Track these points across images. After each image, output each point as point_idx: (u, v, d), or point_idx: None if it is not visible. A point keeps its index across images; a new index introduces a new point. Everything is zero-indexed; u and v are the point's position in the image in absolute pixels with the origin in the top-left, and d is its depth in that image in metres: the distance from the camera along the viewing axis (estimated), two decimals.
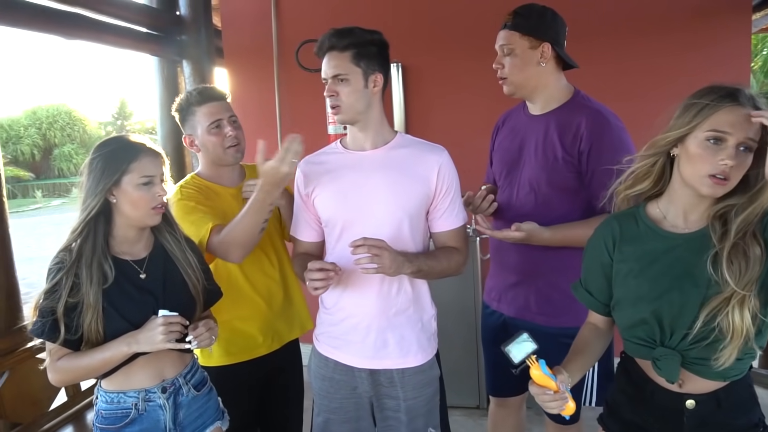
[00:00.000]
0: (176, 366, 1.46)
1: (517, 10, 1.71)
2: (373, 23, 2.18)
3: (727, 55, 2.90)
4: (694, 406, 1.19)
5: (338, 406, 1.58)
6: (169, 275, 1.44)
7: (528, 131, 1.77)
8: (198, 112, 1.69)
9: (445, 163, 1.53)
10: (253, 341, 1.76)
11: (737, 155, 1.09)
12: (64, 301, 1.30)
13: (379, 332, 1.52)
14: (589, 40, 3.05)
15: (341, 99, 1.49)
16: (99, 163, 1.35)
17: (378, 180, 1.50)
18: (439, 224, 1.57)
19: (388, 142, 1.55)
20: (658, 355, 1.20)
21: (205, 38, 3.63)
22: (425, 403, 1.57)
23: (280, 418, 1.92)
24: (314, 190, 1.56)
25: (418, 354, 1.55)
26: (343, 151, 1.58)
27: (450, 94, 3.28)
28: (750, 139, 1.09)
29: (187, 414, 1.46)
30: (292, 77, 3.49)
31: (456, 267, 1.56)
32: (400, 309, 1.52)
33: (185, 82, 3.67)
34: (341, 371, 1.56)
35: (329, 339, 1.59)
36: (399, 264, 1.38)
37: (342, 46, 1.48)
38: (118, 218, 1.38)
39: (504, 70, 1.71)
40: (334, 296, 1.55)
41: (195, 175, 1.78)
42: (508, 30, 1.70)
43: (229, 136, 1.71)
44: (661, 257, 1.20)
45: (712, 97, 1.13)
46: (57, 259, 1.34)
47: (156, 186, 1.38)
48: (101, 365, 1.34)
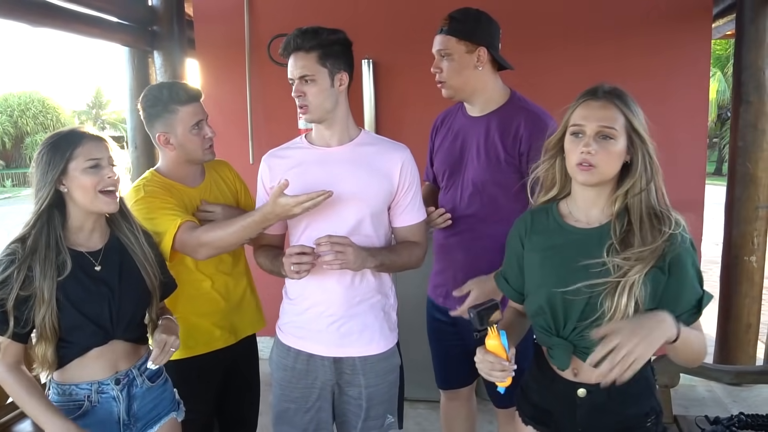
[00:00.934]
0: (130, 358, 1.46)
1: (452, 14, 1.75)
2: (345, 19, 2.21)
3: (688, 59, 2.99)
4: (585, 395, 1.27)
5: (299, 395, 1.61)
6: (126, 268, 1.44)
7: (468, 132, 1.81)
8: (181, 111, 1.67)
9: (407, 160, 1.59)
10: (210, 335, 1.77)
11: (596, 143, 1.20)
12: (15, 294, 1.29)
13: (343, 320, 1.56)
14: (550, 44, 3.11)
15: (308, 99, 1.51)
16: (45, 155, 1.34)
17: (343, 176, 1.53)
18: (400, 219, 1.62)
19: (353, 139, 1.60)
20: (552, 344, 1.30)
21: (177, 29, 3.59)
22: (386, 390, 1.62)
23: (236, 410, 1.93)
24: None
25: (380, 341, 1.60)
26: (309, 146, 1.61)
27: (421, 90, 3.28)
28: (605, 127, 1.20)
29: (141, 405, 1.47)
30: (263, 71, 3.48)
31: (416, 260, 1.63)
32: (363, 297, 1.57)
33: (156, 73, 3.62)
34: (303, 361, 1.60)
35: (293, 329, 1.62)
36: (363, 259, 1.45)
37: (308, 47, 1.50)
38: (71, 208, 1.38)
39: (442, 74, 1.75)
40: (299, 286, 1.58)
41: (155, 172, 1.76)
42: (444, 35, 1.74)
43: (208, 137, 1.72)
44: (562, 250, 1.29)
45: (578, 97, 1.27)
46: (8, 251, 1.33)
47: (104, 168, 1.37)
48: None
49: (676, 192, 3.02)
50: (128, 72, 3.67)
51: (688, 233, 1.22)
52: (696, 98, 3.03)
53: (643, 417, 1.29)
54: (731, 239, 3.24)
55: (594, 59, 3.06)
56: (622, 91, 1.25)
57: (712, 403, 3.02)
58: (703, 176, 3.07)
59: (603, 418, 1.28)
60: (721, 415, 2.04)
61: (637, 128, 1.22)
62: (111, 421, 1.41)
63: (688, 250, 1.21)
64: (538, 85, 3.12)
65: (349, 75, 1.56)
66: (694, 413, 2.77)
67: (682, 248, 1.20)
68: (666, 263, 1.20)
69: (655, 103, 3.01)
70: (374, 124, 3.33)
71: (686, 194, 3.05)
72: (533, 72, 3.12)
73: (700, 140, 3.06)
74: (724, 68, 17.77)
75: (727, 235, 3.28)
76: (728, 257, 3.27)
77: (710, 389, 3.15)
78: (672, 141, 3.01)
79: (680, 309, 1.20)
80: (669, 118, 3.00)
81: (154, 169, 1.78)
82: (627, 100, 1.24)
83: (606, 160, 1.21)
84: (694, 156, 3.06)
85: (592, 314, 1.22)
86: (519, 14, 3.12)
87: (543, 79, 3.11)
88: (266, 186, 1.61)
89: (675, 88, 3.02)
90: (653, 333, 1.10)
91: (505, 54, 1.81)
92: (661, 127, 1.32)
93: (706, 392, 3.13)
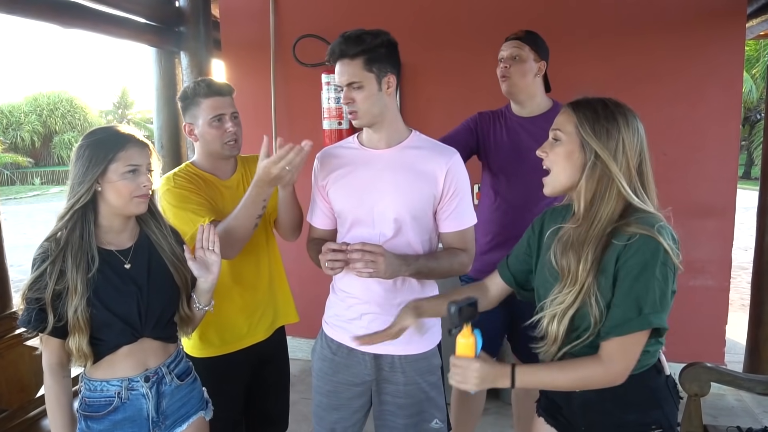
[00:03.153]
0: (159, 356, 1.47)
1: (526, 30, 2.12)
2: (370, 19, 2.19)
3: (721, 59, 2.92)
4: (578, 390, 1.26)
5: (331, 389, 1.64)
6: (154, 265, 1.46)
7: (524, 128, 2.11)
8: (203, 104, 1.71)
9: (454, 165, 1.56)
10: (239, 332, 1.78)
11: (550, 145, 1.27)
12: (51, 289, 1.31)
13: (384, 319, 1.55)
14: (584, 43, 3.07)
15: (357, 105, 1.52)
16: (87, 151, 1.36)
17: (387, 179, 1.54)
18: (445, 225, 1.60)
19: (402, 141, 1.60)
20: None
21: (204, 30, 3.63)
22: (426, 390, 1.62)
23: (266, 407, 1.94)
24: (328, 183, 1.62)
25: (420, 341, 1.60)
26: (359, 147, 1.63)
27: (447, 91, 3.29)
28: (553, 130, 1.26)
29: (170, 403, 1.48)
30: (288, 71, 3.50)
31: (460, 267, 1.61)
32: (404, 299, 1.56)
33: (182, 73, 3.67)
34: (344, 354, 1.63)
35: (337, 322, 1.66)
36: (395, 269, 1.45)
37: (353, 54, 1.49)
38: (102, 207, 1.40)
39: (509, 70, 2.07)
40: (344, 283, 1.63)
41: (189, 164, 1.81)
42: (520, 41, 2.08)
43: (229, 132, 1.73)
44: (547, 257, 1.29)
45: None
46: (41, 249, 1.35)
47: (141, 176, 1.39)
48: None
49: (706, 196, 3.01)
50: (155, 72, 3.72)
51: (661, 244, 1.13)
52: (728, 101, 2.94)
53: (646, 427, 1.26)
54: (763, 245, 3.16)
55: (627, 59, 3.00)
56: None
57: (742, 412, 2.95)
58: (734, 181, 2.99)
59: (602, 419, 1.27)
60: (753, 426, 1.99)
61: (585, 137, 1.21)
62: (141, 418, 1.43)
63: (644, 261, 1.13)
64: (562, 80, 3.07)
65: (396, 76, 1.56)
66: (723, 423, 2.71)
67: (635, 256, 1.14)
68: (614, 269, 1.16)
69: (686, 105, 2.95)
70: None
71: (716, 199, 2.99)
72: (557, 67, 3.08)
73: (731, 144, 2.97)
74: (752, 68, 17.32)
75: (759, 241, 3.20)
76: (760, 263, 3.19)
77: (740, 398, 3.08)
78: (702, 144, 2.95)
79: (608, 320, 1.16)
80: (699, 121, 2.93)
81: (190, 161, 1.83)
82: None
83: (556, 161, 1.26)
84: (725, 160, 2.98)
85: (570, 330, 1.22)
86: (545, 7, 3.09)
87: (567, 74, 3.06)
88: (318, 182, 1.66)
89: (706, 90, 2.94)
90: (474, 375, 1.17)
91: None
92: (691, 130, 1.28)
93: (736, 401, 3.06)
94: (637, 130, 1.21)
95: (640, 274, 1.12)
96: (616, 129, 1.19)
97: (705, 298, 3.06)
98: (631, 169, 1.19)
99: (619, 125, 1.19)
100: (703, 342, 3.06)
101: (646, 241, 1.13)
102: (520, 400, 2.30)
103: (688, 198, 2.99)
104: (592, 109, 1.22)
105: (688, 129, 2.94)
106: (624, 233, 1.15)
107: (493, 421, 2.77)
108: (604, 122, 1.20)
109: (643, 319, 1.12)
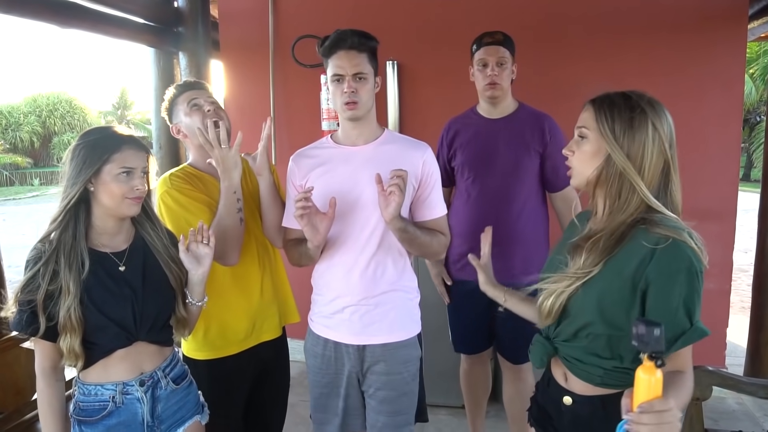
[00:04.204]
0: (155, 359, 1.45)
1: (503, 32, 2.15)
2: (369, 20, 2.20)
3: (722, 61, 2.90)
4: (570, 404, 1.23)
5: (329, 381, 1.70)
6: (149, 268, 1.44)
7: (492, 131, 2.19)
8: (179, 100, 1.73)
9: (428, 157, 1.66)
10: (240, 334, 1.77)
11: (576, 143, 1.22)
12: (44, 290, 1.29)
13: (365, 310, 1.63)
14: (583, 43, 3.05)
15: (360, 96, 1.58)
16: (82, 151, 1.34)
17: (367, 174, 1.57)
18: (422, 213, 1.68)
19: (377, 138, 1.67)
20: (533, 340, 1.31)
21: (202, 31, 3.61)
22: (408, 380, 1.68)
23: (266, 410, 1.91)
24: (308, 182, 1.65)
25: (401, 330, 1.67)
26: (335, 145, 1.69)
27: (444, 91, 3.27)
28: (578, 127, 1.22)
29: (166, 407, 1.46)
30: (287, 72, 3.48)
31: (438, 246, 1.68)
32: (383, 290, 1.64)
33: (181, 74, 3.65)
34: (331, 348, 1.68)
35: (321, 319, 1.71)
36: (396, 212, 1.49)
37: (362, 47, 1.58)
38: (96, 208, 1.38)
39: (499, 77, 2.12)
40: (324, 279, 1.69)
41: (187, 165, 1.79)
42: (503, 47, 2.12)
43: (209, 111, 1.70)
44: (563, 248, 1.27)
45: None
46: (35, 251, 1.33)
47: (135, 178, 1.37)
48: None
49: (707, 199, 3.00)
50: (153, 73, 3.71)
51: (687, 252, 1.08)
52: (729, 103, 2.93)
53: None
54: (765, 248, 3.14)
55: (627, 60, 2.99)
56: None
57: (743, 416, 2.93)
58: (735, 183, 2.97)
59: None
60: (752, 431, 1.97)
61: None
62: (135, 423, 1.41)
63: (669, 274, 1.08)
64: (559, 80, 3.06)
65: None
66: (724, 427, 2.70)
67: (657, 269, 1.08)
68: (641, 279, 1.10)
69: (686, 107, 2.93)
70: (398, 125, 3.31)
71: (717, 202, 2.97)
72: (554, 66, 3.07)
73: (733, 147, 2.95)
74: (750, 68, 17.26)
75: (760, 244, 3.18)
76: (761, 266, 3.17)
77: (740, 402, 3.06)
78: (703, 147, 2.93)
79: None
80: (700, 124, 2.92)
81: (188, 162, 1.82)
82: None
83: (581, 158, 1.22)
84: (726, 163, 2.96)
85: (566, 316, 1.20)
86: (543, 7, 3.07)
87: (564, 73, 3.05)
88: (295, 184, 1.69)
89: (706, 92, 2.92)
90: None
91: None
92: (691, 132, 1.26)
93: (736, 405, 3.04)
94: (661, 130, 1.15)
95: (684, 281, 1.07)
96: (639, 130, 1.14)
97: (706, 300, 2.95)
98: (652, 171, 1.14)
99: (642, 126, 1.14)
100: (703, 345, 2.96)
101: (681, 247, 1.07)
102: (512, 401, 2.33)
103: (688, 200, 2.88)
104: (615, 109, 1.16)
105: (688, 131, 2.91)
106: (651, 234, 1.09)
107: (493, 423, 2.75)
108: (625, 123, 1.14)
109: (695, 329, 1.09)
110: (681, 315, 1.08)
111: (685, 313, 1.08)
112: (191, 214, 1.64)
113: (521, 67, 2.25)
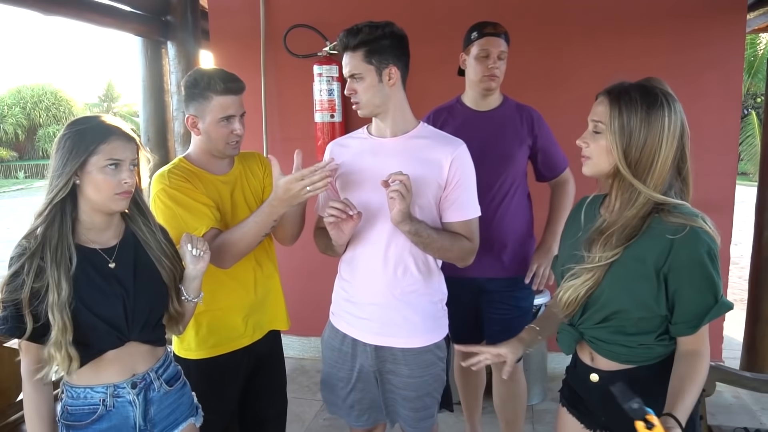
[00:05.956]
0: (147, 360, 1.40)
1: (501, 25, 2.12)
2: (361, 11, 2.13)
3: (721, 52, 2.88)
4: (597, 380, 1.32)
5: (344, 375, 1.70)
6: (141, 264, 1.38)
7: (477, 122, 2.17)
8: (214, 100, 1.61)
9: (459, 155, 1.58)
10: (235, 331, 1.72)
11: (591, 136, 1.25)
12: (29, 287, 1.22)
13: (384, 311, 1.60)
14: (573, 38, 3.02)
15: (359, 96, 1.57)
16: (68, 141, 1.26)
17: (392, 166, 1.51)
18: (448, 214, 1.60)
19: (409, 131, 1.62)
20: (560, 329, 1.38)
21: (192, 19, 3.51)
22: (430, 382, 1.65)
23: (260, 411, 1.87)
24: (337, 172, 1.64)
25: (423, 335, 1.63)
26: (367, 136, 1.68)
27: (440, 83, 3.20)
28: (594, 121, 1.24)
29: (159, 410, 1.40)
30: (279, 62, 3.40)
31: (460, 251, 1.59)
32: (405, 290, 1.59)
33: (170, 64, 3.56)
34: (349, 344, 1.67)
35: (341, 313, 1.70)
36: (405, 214, 1.45)
37: (353, 46, 1.54)
38: (82, 202, 1.31)
39: (500, 71, 2.09)
40: (346, 274, 1.67)
41: (183, 159, 1.72)
42: (503, 40, 2.09)
43: (235, 133, 1.66)
44: (582, 239, 1.30)
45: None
46: (19, 248, 1.26)
47: (123, 171, 1.30)
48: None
49: (704, 191, 2.95)
50: (141, 63, 3.61)
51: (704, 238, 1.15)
52: (727, 96, 2.91)
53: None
54: (762, 241, 3.13)
55: (624, 54, 2.95)
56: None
57: (740, 410, 2.93)
58: (733, 176, 2.96)
59: (623, 412, 1.22)
60: (749, 425, 1.96)
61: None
62: (127, 427, 1.35)
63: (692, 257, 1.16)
64: (561, 80, 3.03)
65: (399, 68, 1.57)
66: (721, 421, 2.69)
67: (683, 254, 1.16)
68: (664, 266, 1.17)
69: (684, 98, 2.89)
70: None
71: (715, 195, 2.95)
72: (556, 66, 3.04)
73: (730, 140, 2.94)
74: None
75: (757, 237, 3.17)
76: (758, 259, 3.16)
77: (737, 395, 3.06)
78: (701, 139, 2.90)
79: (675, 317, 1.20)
80: (698, 115, 2.88)
81: (184, 155, 1.74)
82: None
83: (597, 152, 1.25)
84: (723, 155, 2.95)
85: (593, 304, 1.26)
86: (543, 5, 3.03)
87: (566, 73, 3.02)
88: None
89: (705, 84, 2.90)
90: None
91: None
92: (689, 123, 1.26)
93: (734, 399, 3.04)
94: (675, 123, 1.19)
95: (707, 264, 1.15)
96: (654, 126, 1.18)
97: None
98: (666, 162, 1.19)
99: (656, 122, 1.18)
100: None
101: (699, 234, 1.15)
102: (505, 404, 2.31)
103: None
104: (631, 107, 1.19)
105: (686, 123, 2.89)
106: (668, 224, 1.16)
107: (490, 420, 2.72)
108: (642, 120, 1.18)
109: (722, 304, 1.18)
110: (707, 295, 1.17)
111: (711, 292, 1.17)
112: (191, 214, 1.59)
113: (515, 54, 2.22)
